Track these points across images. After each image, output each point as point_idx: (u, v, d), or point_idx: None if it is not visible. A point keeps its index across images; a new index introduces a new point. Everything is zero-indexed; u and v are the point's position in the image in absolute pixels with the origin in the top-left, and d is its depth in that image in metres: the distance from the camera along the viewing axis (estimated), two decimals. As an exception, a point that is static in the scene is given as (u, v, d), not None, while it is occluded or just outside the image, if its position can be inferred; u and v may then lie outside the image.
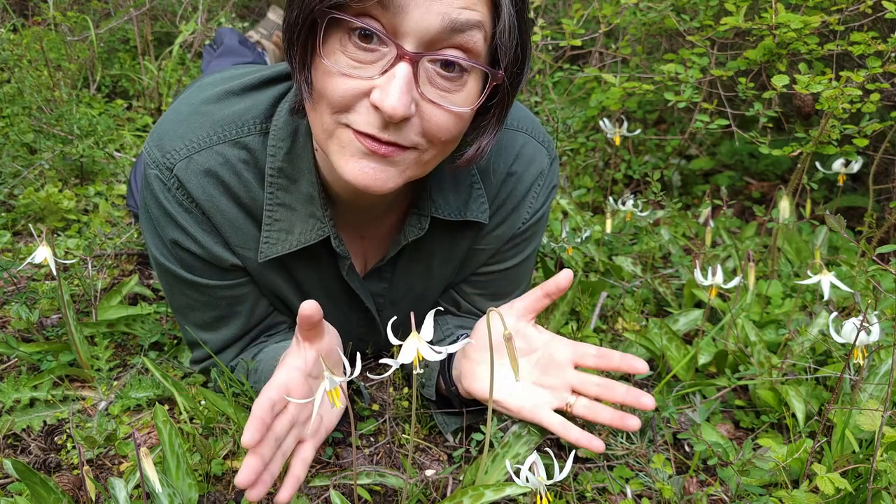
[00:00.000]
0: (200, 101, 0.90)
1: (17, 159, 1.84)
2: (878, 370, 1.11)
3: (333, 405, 0.76)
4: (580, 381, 0.93)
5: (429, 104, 0.74)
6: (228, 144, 0.88)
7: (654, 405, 0.89)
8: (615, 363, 0.91)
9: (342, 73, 0.72)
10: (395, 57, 0.70)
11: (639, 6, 1.78)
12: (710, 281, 1.13)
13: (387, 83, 0.70)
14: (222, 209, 0.90)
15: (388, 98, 0.70)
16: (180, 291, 0.98)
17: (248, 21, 2.83)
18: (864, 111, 1.41)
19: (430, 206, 0.95)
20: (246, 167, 0.89)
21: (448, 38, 0.71)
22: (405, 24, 0.69)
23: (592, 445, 0.90)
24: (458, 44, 0.71)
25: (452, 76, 0.73)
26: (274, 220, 0.91)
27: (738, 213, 1.98)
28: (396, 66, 0.70)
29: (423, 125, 0.75)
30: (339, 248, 0.94)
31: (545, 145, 1.03)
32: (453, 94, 0.74)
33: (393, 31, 0.70)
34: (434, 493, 0.97)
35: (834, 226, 1.08)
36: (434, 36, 0.70)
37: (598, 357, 0.92)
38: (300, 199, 0.91)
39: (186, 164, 0.87)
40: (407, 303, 1.08)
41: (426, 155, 0.79)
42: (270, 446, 0.78)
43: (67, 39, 2.29)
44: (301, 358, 0.85)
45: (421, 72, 0.72)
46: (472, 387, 0.96)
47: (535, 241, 1.10)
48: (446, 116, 0.75)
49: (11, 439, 1.04)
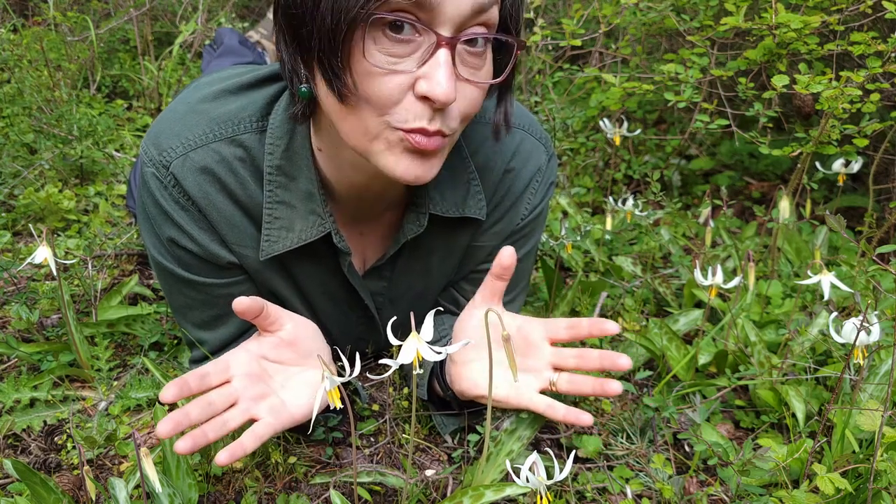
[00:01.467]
0: (197, 99, 0.91)
1: (17, 159, 1.84)
2: (878, 370, 1.11)
3: (334, 406, 0.77)
4: (558, 357, 0.93)
5: (464, 83, 0.76)
6: (225, 142, 0.88)
7: (630, 364, 0.88)
8: (585, 330, 0.91)
9: (386, 71, 0.72)
10: (434, 45, 0.71)
11: (639, 6, 1.78)
12: (710, 281, 1.13)
13: (433, 72, 0.71)
14: (219, 207, 0.90)
15: (438, 86, 0.71)
16: (178, 290, 0.98)
17: (248, 21, 2.83)
18: (864, 111, 1.41)
19: (428, 202, 0.95)
20: (242, 165, 0.89)
21: (476, 18, 0.73)
22: (441, 11, 0.70)
23: (581, 420, 0.90)
24: (482, 21, 0.74)
25: (479, 51, 0.76)
26: (274, 218, 0.91)
27: (738, 213, 1.98)
28: (438, 53, 0.71)
29: (460, 104, 0.77)
30: (340, 243, 0.94)
31: (542, 142, 1.04)
32: (480, 69, 0.77)
33: (428, 19, 0.71)
34: (434, 493, 0.97)
35: (834, 226, 1.08)
36: (466, 18, 0.72)
37: (569, 328, 0.92)
38: (299, 197, 0.91)
39: (182, 162, 0.87)
40: (406, 301, 1.08)
41: (456, 135, 0.81)
42: (199, 407, 0.80)
43: (67, 39, 2.29)
44: (256, 342, 0.88)
45: (456, 55, 0.73)
46: (464, 387, 0.96)
47: (533, 237, 1.10)
48: (477, 92, 0.78)
49: (11, 439, 1.04)
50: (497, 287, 0.92)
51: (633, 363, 1.24)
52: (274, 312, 0.87)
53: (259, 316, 0.85)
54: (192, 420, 0.78)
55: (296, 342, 0.89)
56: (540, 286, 1.48)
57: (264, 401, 0.86)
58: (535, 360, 0.94)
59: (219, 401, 0.82)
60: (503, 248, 0.90)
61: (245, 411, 0.84)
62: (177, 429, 0.76)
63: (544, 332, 0.93)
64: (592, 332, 0.90)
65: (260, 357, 0.88)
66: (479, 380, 0.94)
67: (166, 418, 0.76)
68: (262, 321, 0.86)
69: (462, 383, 0.96)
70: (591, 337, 0.91)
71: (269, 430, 0.85)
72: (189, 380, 0.79)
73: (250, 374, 0.86)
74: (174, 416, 0.76)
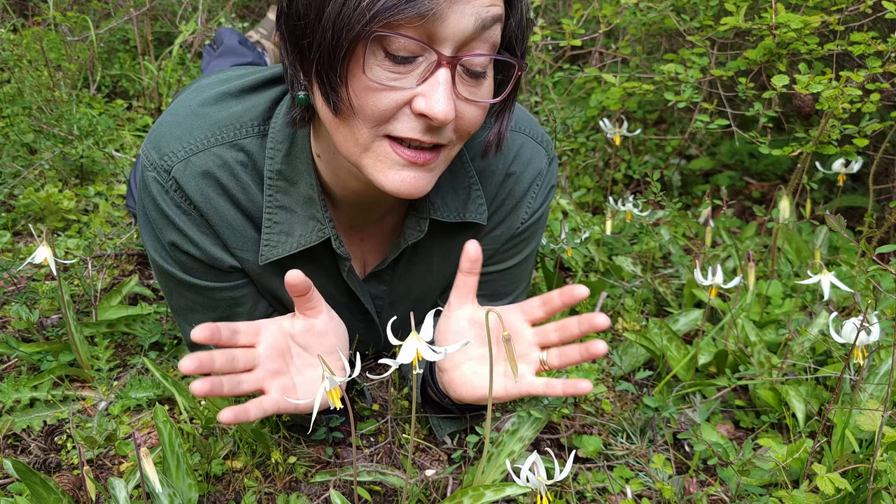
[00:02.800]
0: (198, 103, 0.90)
1: (17, 159, 1.84)
2: (878, 370, 1.11)
3: (334, 406, 0.77)
4: (541, 336, 0.93)
5: (463, 102, 0.76)
6: (226, 146, 0.88)
7: (608, 322, 0.87)
8: (557, 303, 0.90)
9: (384, 87, 0.72)
10: (435, 63, 0.71)
11: (639, 6, 1.78)
12: (710, 281, 1.13)
13: (431, 90, 0.71)
14: (220, 211, 0.90)
15: (437, 105, 0.71)
16: (179, 293, 0.98)
17: (248, 21, 2.83)
18: (864, 111, 1.41)
19: (429, 207, 0.95)
20: (244, 169, 0.89)
21: (478, 37, 0.72)
22: (442, 30, 0.70)
23: (580, 389, 0.88)
24: (485, 39, 0.73)
25: (479, 71, 0.75)
26: (274, 223, 0.91)
27: (738, 213, 1.98)
28: (438, 73, 0.72)
29: (458, 122, 0.77)
30: (339, 248, 0.94)
31: (543, 145, 1.03)
32: (479, 88, 0.77)
33: (429, 37, 0.70)
34: (434, 493, 0.97)
35: (834, 226, 1.08)
36: (467, 37, 0.71)
37: (543, 304, 0.91)
38: (299, 202, 0.91)
39: (184, 167, 0.87)
40: (406, 304, 1.08)
41: (453, 150, 0.81)
42: (224, 357, 0.80)
43: (67, 39, 2.30)
44: (289, 320, 0.88)
45: (456, 74, 0.73)
46: (460, 392, 0.96)
47: (534, 241, 1.09)
48: (477, 111, 0.78)
49: (11, 439, 1.04)
50: (469, 283, 0.92)
51: (633, 364, 1.25)
52: (316, 298, 0.87)
53: (304, 295, 0.85)
54: (214, 367, 0.79)
55: (324, 334, 0.89)
56: (540, 286, 1.48)
57: (278, 378, 0.86)
58: (521, 345, 0.93)
59: (241, 360, 0.83)
60: (467, 243, 0.89)
61: (259, 380, 0.84)
62: (200, 369, 0.77)
63: (522, 316, 0.93)
64: (566, 302, 0.90)
65: (289, 335, 0.88)
66: (474, 381, 0.93)
67: (192, 356, 0.76)
68: (304, 302, 0.86)
69: (457, 389, 0.95)
70: (565, 307, 0.91)
71: (273, 407, 0.85)
72: (221, 328, 0.80)
73: (275, 346, 0.86)
74: (200, 356, 0.77)
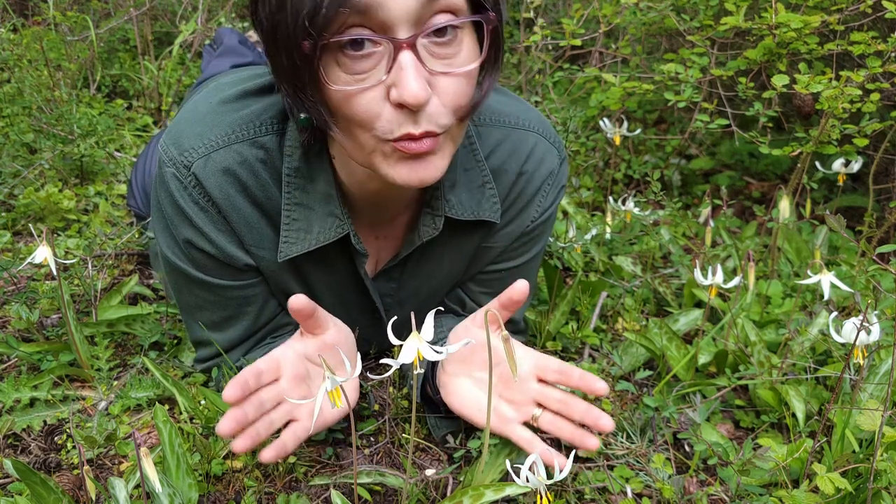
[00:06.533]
0: (218, 100, 0.90)
1: (17, 159, 1.84)
2: (878, 370, 1.11)
3: (334, 405, 0.77)
4: (543, 395, 0.93)
5: (440, 76, 0.74)
6: (246, 144, 0.88)
7: (612, 426, 0.87)
8: (574, 381, 0.90)
9: (357, 90, 0.72)
10: (393, 50, 0.70)
11: (639, 6, 1.78)
12: (710, 281, 1.13)
13: (399, 77, 0.70)
14: (239, 208, 0.90)
15: (406, 90, 0.70)
16: (190, 291, 0.98)
17: (248, 21, 2.83)
18: (864, 111, 1.41)
19: (444, 205, 0.95)
20: (263, 166, 0.89)
21: (431, 7, 0.70)
22: (386, 15, 0.68)
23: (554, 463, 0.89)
24: (442, 7, 0.71)
25: (448, 40, 0.73)
26: (293, 220, 0.91)
27: (738, 212, 1.98)
28: (399, 58, 0.70)
29: (443, 98, 0.74)
30: (358, 245, 0.94)
31: (556, 146, 1.04)
32: (455, 56, 0.74)
33: (380, 27, 0.69)
34: (434, 493, 0.97)
35: (834, 226, 1.08)
36: (419, 12, 0.69)
37: (559, 373, 0.91)
38: (318, 199, 0.91)
39: (205, 163, 0.87)
40: (415, 302, 1.09)
41: (455, 130, 0.79)
42: (254, 406, 0.81)
43: (67, 39, 2.30)
44: (301, 342, 0.89)
45: (421, 51, 0.71)
46: (452, 402, 0.97)
47: (542, 240, 1.10)
48: (458, 80, 0.75)
49: (11, 439, 1.04)
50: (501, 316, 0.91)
51: (633, 364, 1.25)
52: (322, 316, 0.88)
53: (310, 318, 0.86)
54: (249, 420, 0.81)
55: (336, 346, 0.90)
56: (540, 285, 1.48)
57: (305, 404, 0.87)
58: (519, 393, 0.94)
59: (269, 401, 0.84)
60: (517, 282, 0.88)
61: (288, 413, 0.86)
62: (238, 428, 0.79)
63: (533, 367, 0.93)
64: (581, 386, 0.89)
65: (304, 356, 0.89)
66: (467, 398, 0.95)
67: (228, 418, 0.78)
68: (311, 323, 0.87)
69: (449, 396, 0.97)
70: (580, 390, 0.90)
71: (306, 432, 0.87)
72: (247, 378, 0.81)
73: (296, 375, 0.87)
74: (235, 416, 0.78)
